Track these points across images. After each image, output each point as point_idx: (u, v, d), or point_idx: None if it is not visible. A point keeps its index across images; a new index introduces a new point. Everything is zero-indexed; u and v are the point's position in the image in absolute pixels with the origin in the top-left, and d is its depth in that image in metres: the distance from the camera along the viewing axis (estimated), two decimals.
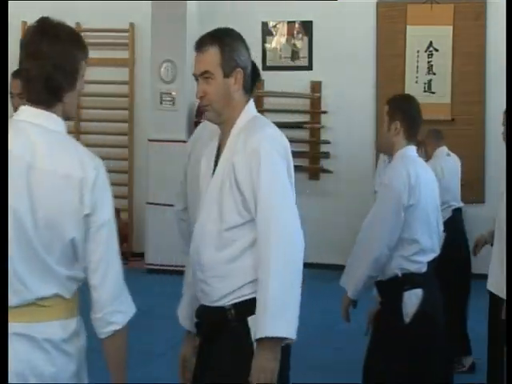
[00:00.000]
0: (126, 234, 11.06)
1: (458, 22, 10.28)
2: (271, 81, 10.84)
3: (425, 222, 4.16)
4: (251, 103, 3.19)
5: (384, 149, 4.38)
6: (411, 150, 4.31)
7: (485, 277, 4.63)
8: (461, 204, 7.36)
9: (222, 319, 3.01)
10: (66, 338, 2.64)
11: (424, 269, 4.14)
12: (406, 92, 10.44)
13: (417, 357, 4.08)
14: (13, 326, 2.53)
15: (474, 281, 6.78)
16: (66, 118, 2.76)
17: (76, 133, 11.40)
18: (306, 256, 2.98)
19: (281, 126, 12.45)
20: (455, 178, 7.43)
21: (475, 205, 10.03)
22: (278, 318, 2.83)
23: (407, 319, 4.07)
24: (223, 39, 3.09)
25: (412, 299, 4.07)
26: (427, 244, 4.16)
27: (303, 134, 10.77)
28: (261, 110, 10.86)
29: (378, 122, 10.57)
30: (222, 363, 3.00)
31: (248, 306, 2.95)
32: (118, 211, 11.08)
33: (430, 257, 4.18)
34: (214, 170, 3.12)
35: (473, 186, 10.08)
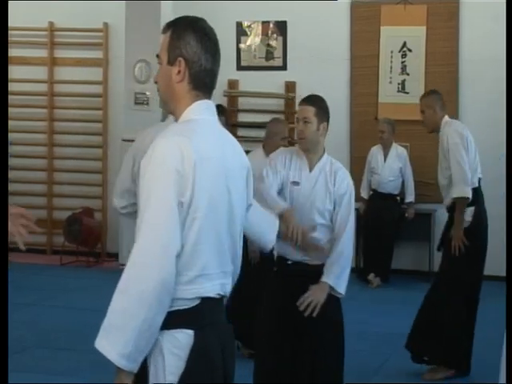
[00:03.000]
0: (100, 234, 11.02)
1: (431, 23, 10.33)
2: (245, 81, 10.84)
3: None
4: (199, 104, 2.86)
5: (310, 146, 4.63)
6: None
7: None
8: None
9: None
10: None
11: None
12: (380, 92, 10.50)
13: None
14: None
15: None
16: None
17: (50, 133, 11.36)
18: None
19: (255, 126, 12.49)
20: None
21: None
22: (104, 333, 2.67)
23: None
24: (176, 25, 2.95)
25: None
26: None
27: None
28: (235, 109, 10.86)
29: (351, 122, 10.62)
30: None
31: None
32: (91, 211, 11.04)
33: None
34: None
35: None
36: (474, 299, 6.37)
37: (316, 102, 4.67)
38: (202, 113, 2.86)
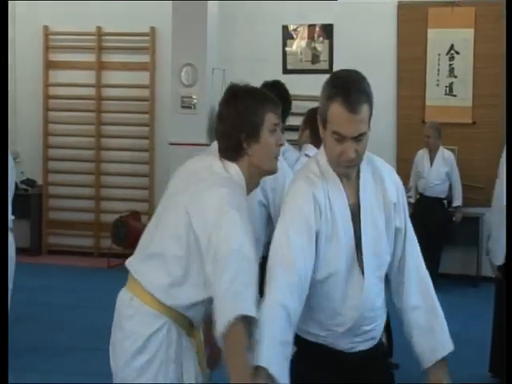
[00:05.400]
0: None
1: (479, 25, 10.22)
2: (291, 84, 10.70)
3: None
4: None
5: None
6: None
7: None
8: None
9: (379, 350, 3.35)
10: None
11: None
12: (428, 95, 10.42)
13: None
14: None
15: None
16: (261, 169, 3.08)
17: (97, 136, 11.46)
18: None
19: None
20: None
21: None
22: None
23: None
24: (367, 91, 3.12)
25: None
26: None
27: None
28: None
29: (398, 124, 10.55)
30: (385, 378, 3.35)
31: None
32: (138, 215, 11.11)
33: None
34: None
35: (494, 189, 10.01)
36: None
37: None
38: None
